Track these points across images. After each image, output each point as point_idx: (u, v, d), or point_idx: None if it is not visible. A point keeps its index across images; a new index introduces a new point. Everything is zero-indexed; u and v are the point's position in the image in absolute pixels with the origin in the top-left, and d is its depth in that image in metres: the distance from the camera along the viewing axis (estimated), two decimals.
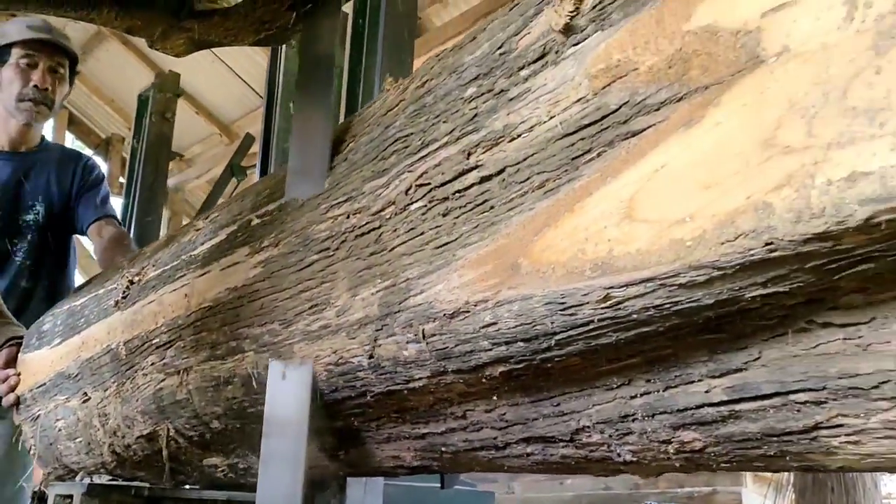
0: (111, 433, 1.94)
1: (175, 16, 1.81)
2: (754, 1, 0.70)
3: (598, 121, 0.82)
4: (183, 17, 1.82)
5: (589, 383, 0.93)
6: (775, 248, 0.65)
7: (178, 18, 1.82)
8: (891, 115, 0.59)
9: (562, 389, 0.96)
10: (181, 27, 1.82)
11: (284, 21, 1.78)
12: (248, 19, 1.82)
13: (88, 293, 2.24)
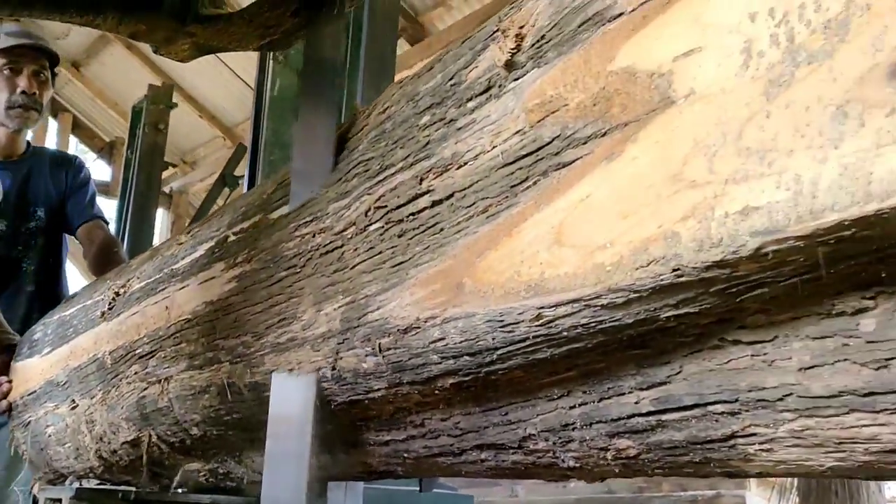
0: (98, 439, 1.99)
1: (179, 21, 1.80)
2: (667, 46, 0.76)
3: (534, 152, 0.88)
4: (187, 23, 1.81)
5: (532, 394, 0.99)
6: (682, 274, 0.71)
7: (183, 24, 1.81)
8: (777, 155, 0.64)
9: (508, 400, 1.02)
10: (185, 32, 1.82)
11: (288, 26, 1.79)
12: (252, 24, 1.82)
13: (78, 304, 2.29)
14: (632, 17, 0.80)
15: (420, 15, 7.14)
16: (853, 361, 0.71)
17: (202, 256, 1.57)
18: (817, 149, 0.62)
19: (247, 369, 1.35)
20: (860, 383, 0.71)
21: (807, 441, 0.78)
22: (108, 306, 1.96)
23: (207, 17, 1.81)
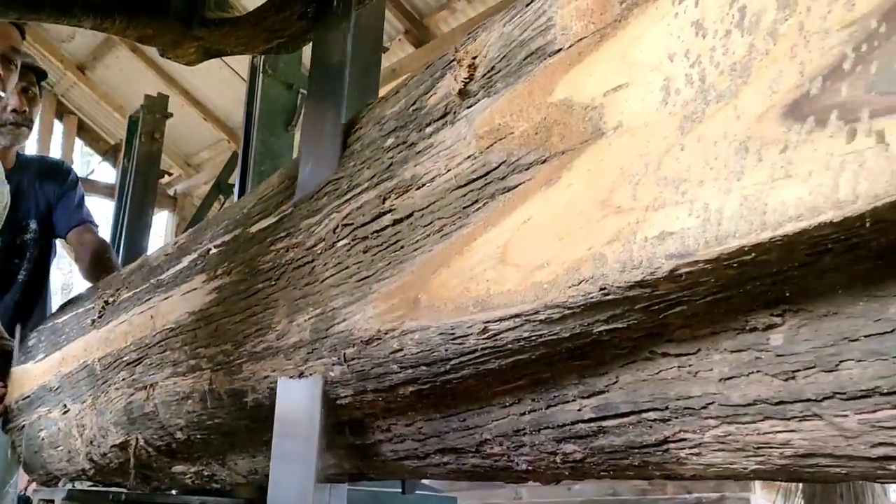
0: (88, 442, 2.04)
1: (186, 25, 1.80)
2: (599, 81, 0.81)
3: (483, 176, 0.93)
4: (193, 27, 1.81)
5: (487, 402, 1.04)
6: (608, 293, 0.76)
7: (189, 28, 1.80)
8: (690, 185, 0.70)
9: (465, 407, 1.07)
10: (192, 36, 1.82)
11: (294, 30, 1.78)
12: (259, 28, 1.81)
13: (70, 312, 2.34)
14: (569, 52, 0.86)
15: (424, 17, 7.07)
16: (765, 373, 0.76)
17: (185, 268, 1.62)
18: (723, 180, 0.67)
19: (226, 376, 1.40)
20: (771, 393, 0.77)
21: (730, 446, 0.84)
22: (98, 315, 2.01)
23: (213, 21, 1.82)
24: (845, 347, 0.70)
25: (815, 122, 0.62)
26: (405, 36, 7.14)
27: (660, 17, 0.77)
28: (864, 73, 0.59)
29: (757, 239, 0.64)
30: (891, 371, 0.68)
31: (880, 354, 0.68)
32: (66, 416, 2.16)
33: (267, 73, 3.21)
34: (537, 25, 0.91)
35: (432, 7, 7.01)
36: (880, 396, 0.70)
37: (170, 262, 1.75)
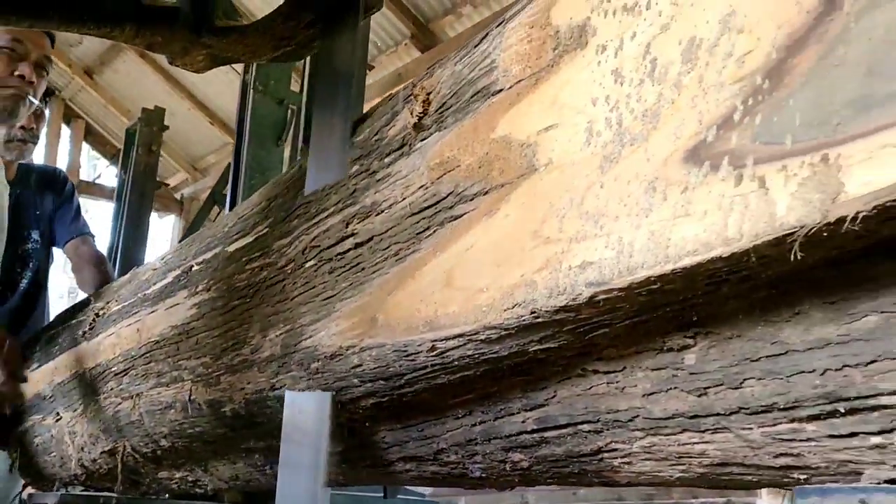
0: (79, 449, 2.10)
1: (195, 33, 1.79)
2: (534, 120, 0.88)
3: (434, 205, 0.99)
4: (202, 35, 1.79)
5: (442, 413, 1.11)
6: (538, 316, 0.82)
7: (198, 35, 1.79)
8: (607, 220, 0.76)
9: (423, 418, 1.13)
10: (200, 44, 1.81)
11: (302, 38, 1.77)
12: (267, 36, 1.80)
13: (63, 323, 2.40)
14: (510, 93, 0.92)
15: (430, 22, 7.05)
16: (681, 389, 0.82)
17: (170, 283, 1.68)
18: (634, 216, 0.74)
19: (205, 388, 1.46)
20: (687, 407, 0.83)
21: (655, 455, 0.90)
22: (89, 326, 2.07)
23: (222, 29, 1.81)
24: (747, 367, 0.77)
25: (710, 166, 0.68)
26: (411, 40, 7.12)
27: (585, 64, 0.83)
28: (750, 124, 0.66)
29: (661, 270, 0.71)
30: (786, 389, 0.74)
31: (776, 374, 0.74)
32: (58, 424, 2.22)
33: (257, 90, 3.27)
34: (483, 66, 0.97)
35: (438, 12, 6.98)
36: (778, 412, 0.76)
37: (156, 277, 1.81)
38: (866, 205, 0.57)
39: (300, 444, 1.25)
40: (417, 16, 7.05)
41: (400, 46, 7.24)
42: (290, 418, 1.26)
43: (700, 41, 0.72)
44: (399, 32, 7.15)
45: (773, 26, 0.66)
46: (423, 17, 7.08)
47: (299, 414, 1.26)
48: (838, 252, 0.65)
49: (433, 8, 7.03)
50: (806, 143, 0.61)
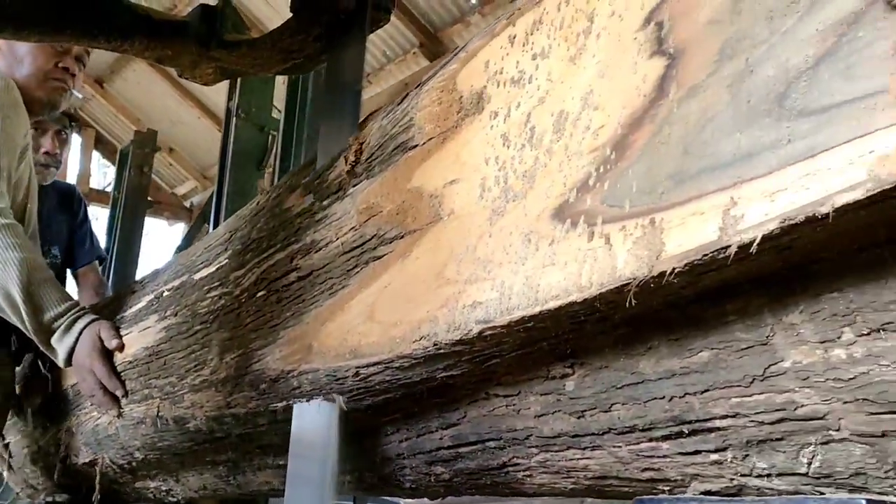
0: (62, 460, 2.18)
1: (204, 46, 1.78)
2: (441, 174, 0.97)
3: (361, 245, 1.09)
4: (211, 48, 1.79)
5: (375, 430, 1.20)
6: (440, 348, 0.92)
7: (207, 49, 1.79)
8: (494, 266, 0.86)
9: (359, 435, 1.23)
10: (210, 57, 1.81)
11: (310, 51, 1.77)
12: (275, 49, 1.80)
13: None
14: (423, 148, 1.02)
15: (438, 31, 6.96)
16: (564, 412, 0.92)
17: (144, 307, 1.78)
18: (514, 263, 0.83)
19: (172, 405, 1.55)
20: (570, 427, 0.92)
21: (549, 469, 1.00)
22: None
23: (231, 43, 1.80)
24: (614, 393, 0.86)
25: (570, 223, 0.78)
26: (419, 49, 7.03)
27: (482, 127, 0.93)
28: (600, 189, 0.75)
29: (533, 311, 0.80)
30: (643, 413, 0.84)
31: (636, 399, 0.84)
32: (45, 436, 2.30)
33: (240, 117, 3.37)
34: (403, 123, 1.07)
35: (446, 21, 6.90)
36: (639, 432, 0.86)
37: (133, 301, 1.90)
38: (680, 262, 0.67)
39: (308, 457, 1.22)
40: (426, 24, 6.96)
41: (408, 55, 7.13)
42: (298, 430, 1.23)
43: (567, 114, 0.82)
44: (407, 41, 7.05)
45: (619, 106, 0.76)
46: (431, 26, 6.98)
47: (306, 425, 1.22)
48: (674, 297, 0.75)
49: (441, 17, 6.94)
50: (639, 207, 0.71)
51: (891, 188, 0.55)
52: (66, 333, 1.79)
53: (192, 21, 1.78)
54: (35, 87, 2.13)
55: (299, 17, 1.73)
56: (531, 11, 0.90)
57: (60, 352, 1.80)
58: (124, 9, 1.70)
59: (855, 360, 0.67)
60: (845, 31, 0.59)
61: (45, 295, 1.80)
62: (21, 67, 2.13)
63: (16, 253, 1.79)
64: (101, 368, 1.74)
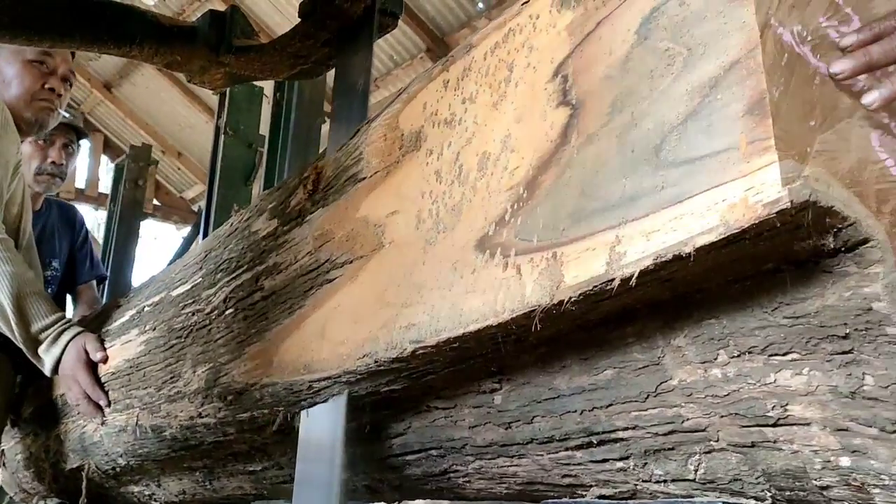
0: (53, 465, 2.25)
1: (213, 52, 1.78)
2: (384, 206, 1.04)
3: (316, 269, 1.16)
4: (220, 54, 1.79)
5: None
6: (381, 365, 0.99)
7: (216, 54, 1.79)
8: (426, 291, 0.93)
9: None
10: (219, 62, 1.80)
11: (319, 56, 1.77)
12: (284, 55, 1.79)
13: None
14: (370, 181, 1.09)
15: (445, 35, 6.88)
16: (494, 423, 0.99)
17: (126, 321, 1.84)
18: (442, 290, 0.90)
19: (150, 414, 1.62)
20: (499, 437, 0.99)
21: (485, 475, 1.07)
22: None
23: (240, 48, 1.80)
24: (535, 407, 0.93)
25: (489, 254, 0.85)
26: (427, 54, 6.93)
27: (419, 164, 1.00)
28: (514, 224, 0.83)
29: (457, 333, 0.87)
30: (560, 424, 0.91)
31: (553, 412, 0.91)
32: (36, 443, 2.36)
33: (228, 134, 3.44)
34: (354, 156, 1.14)
35: (453, 25, 6.82)
36: (557, 442, 0.93)
37: (118, 315, 1.97)
38: (575, 292, 0.74)
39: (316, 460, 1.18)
40: (433, 29, 6.86)
41: (415, 60, 7.02)
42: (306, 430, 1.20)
43: (489, 155, 0.89)
44: (415, 46, 6.96)
45: (532, 149, 0.83)
46: (438, 31, 6.89)
47: (314, 425, 1.19)
48: (580, 321, 0.82)
49: (449, 22, 6.87)
50: (545, 242, 0.78)
51: (739, 232, 0.63)
52: (53, 344, 1.85)
53: (202, 27, 1.78)
54: (24, 108, 2.17)
55: (308, 23, 1.73)
56: (462, 59, 0.97)
57: (47, 362, 1.87)
58: (134, 15, 1.71)
59: (728, 378, 0.74)
60: (707, 94, 0.67)
61: (34, 307, 1.86)
62: (10, 89, 2.17)
63: (6, 266, 1.85)
64: (85, 379, 1.80)
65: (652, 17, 0.74)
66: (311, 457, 1.20)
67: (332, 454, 1.13)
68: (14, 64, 2.16)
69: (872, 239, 0.64)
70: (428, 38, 6.93)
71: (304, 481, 1.20)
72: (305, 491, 1.20)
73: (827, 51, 0.69)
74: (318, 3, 1.70)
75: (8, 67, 2.17)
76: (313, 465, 1.19)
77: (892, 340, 0.63)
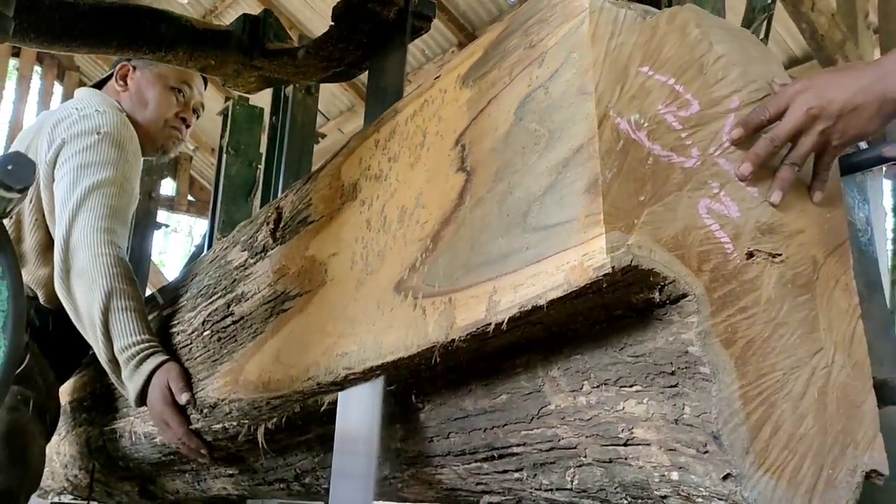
0: (63, 466, 2.38)
1: (247, 55, 1.75)
2: (327, 247, 1.16)
3: (275, 299, 1.28)
4: (254, 57, 1.75)
5: (290, 449, 1.39)
6: (322, 387, 1.10)
7: (250, 58, 1.75)
8: (357, 324, 1.04)
9: (282, 452, 1.41)
10: (252, 66, 1.77)
11: (352, 59, 1.74)
12: (317, 58, 1.76)
13: None
14: (317, 223, 1.21)
15: (477, 30, 6.63)
16: (420, 437, 1.10)
17: None
18: (368, 324, 1.02)
19: (142, 422, 1.74)
20: (423, 449, 1.11)
21: (419, 481, 1.18)
22: None
23: (273, 52, 1.76)
24: (450, 425, 1.05)
25: (403, 296, 0.96)
26: (458, 48, 6.66)
27: (355, 212, 1.12)
28: (423, 271, 0.94)
29: (378, 363, 0.99)
30: (469, 440, 1.02)
31: (463, 430, 1.02)
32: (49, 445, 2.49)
33: (230, 153, 3.56)
34: (306, 200, 1.26)
35: (485, 20, 6.61)
36: (468, 455, 1.04)
37: None
38: (463, 332, 0.85)
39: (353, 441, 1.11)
40: (465, 24, 6.67)
41: (447, 54, 6.78)
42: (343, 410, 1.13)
43: (407, 209, 1.00)
44: (446, 40, 6.77)
45: (437, 207, 0.94)
46: (470, 25, 6.69)
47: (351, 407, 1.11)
48: (478, 353, 0.94)
49: (480, 16, 6.66)
50: (444, 288, 0.90)
51: (579, 289, 0.74)
52: (136, 371, 1.56)
53: (235, 30, 1.75)
54: (155, 132, 2.07)
55: (341, 26, 1.71)
56: (389, 122, 1.09)
57: (131, 391, 1.58)
58: (168, 20, 1.68)
59: (591, 405, 0.85)
60: (561, 171, 0.78)
61: (123, 322, 1.58)
62: (145, 111, 2.06)
63: (106, 280, 1.59)
64: (178, 429, 1.51)
65: (526, 101, 0.85)
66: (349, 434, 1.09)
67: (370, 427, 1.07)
68: (155, 86, 2.08)
69: (690, 294, 0.75)
70: (459, 33, 6.70)
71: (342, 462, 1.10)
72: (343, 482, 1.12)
73: (664, 133, 0.80)
74: (351, 6, 1.69)
75: (149, 89, 2.08)
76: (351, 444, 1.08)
77: (705, 378, 0.74)
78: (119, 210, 1.73)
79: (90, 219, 1.66)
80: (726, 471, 0.72)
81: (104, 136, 1.79)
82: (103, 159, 1.76)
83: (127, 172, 1.80)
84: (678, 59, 0.83)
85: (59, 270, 1.65)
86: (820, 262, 0.86)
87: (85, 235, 1.64)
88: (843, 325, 0.85)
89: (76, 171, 1.73)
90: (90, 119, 1.82)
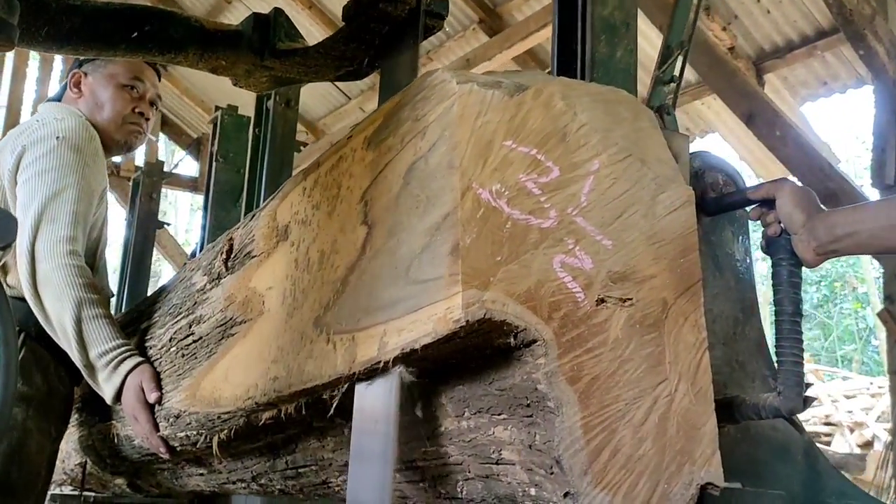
0: (61, 461, 2.50)
1: (258, 56, 1.70)
2: (265, 281, 1.26)
3: (225, 323, 1.38)
4: (265, 57, 1.71)
5: (245, 455, 1.50)
6: (259, 404, 1.21)
7: (261, 58, 1.71)
8: (284, 352, 1.15)
9: (240, 457, 1.53)
10: (263, 66, 1.73)
11: (364, 58, 1.71)
12: (329, 57, 1.73)
13: None
14: (258, 258, 1.31)
15: (498, 6, 6.28)
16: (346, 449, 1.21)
17: None
18: (294, 353, 1.12)
19: (122, 426, 1.85)
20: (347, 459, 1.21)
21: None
22: None
23: (284, 51, 1.72)
24: None
25: (320, 330, 1.07)
26: (479, 25, 6.32)
27: (286, 251, 1.22)
28: (335, 310, 1.04)
29: (300, 388, 1.09)
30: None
31: None
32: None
33: (219, 161, 3.66)
34: (251, 236, 1.36)
35: None
36: None
37: None
38: (361, 367, 0.96)
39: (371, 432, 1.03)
40: (486, 1, 6.28)
41: (468, 31, 6.42)
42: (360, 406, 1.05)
43: (325, 253, 1.11)
44: (467, 17, 6.40)
45: (347, 254, 1.05)
46: (490, 2, 6.31)
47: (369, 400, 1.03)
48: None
49: None
50: (349, 327, 1.00)
51: (444, 337, 0.84)
52: (113, 373, 1.65)
53: (245, 30, 1.72)
54: (114, 131, 2.07)
55: (352, 26, 1.69)
56: (314, 173, 1.19)
57: (107, 392, 1.68)
58: (178, 21, 1.65)
59: (471, 429, 0.96)
60: (434, 234, 0.88)
61: (96, 331, 1.66)
62: (102, 112, 2.06)
63: (73, 291, 1.66)
64: (144, 425, 1.61)
65: (412, 168, 0.95)
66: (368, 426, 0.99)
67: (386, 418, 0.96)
68: (108, 87, 2.08)
69: (540, 339, 0.85)
70: (480, 10, 6.34)
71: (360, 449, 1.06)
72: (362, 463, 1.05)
73: (523, 199, 0.90)
74: (362, 6, 1.67)
75: (102, 91, 2.08)
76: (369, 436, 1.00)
77: (551, 411, 0.85)
78: (79, 214, 1.78)
79: (53, 229, 1.71)
80: (567, 489, 0.83)
81: (62, 141, 1.84)
82: (62, 163, 1.81)
83: (87, 175, 1.85)
84: (541, 131, 0.93)
85: (25, 277, 1.70)
86: (670, 302, 0.96)
87: (50, 246, 1.70)
88: (689, 357, 0.95)
89: (37, 178, 1.79)
90: (48, 126, 1.88)
